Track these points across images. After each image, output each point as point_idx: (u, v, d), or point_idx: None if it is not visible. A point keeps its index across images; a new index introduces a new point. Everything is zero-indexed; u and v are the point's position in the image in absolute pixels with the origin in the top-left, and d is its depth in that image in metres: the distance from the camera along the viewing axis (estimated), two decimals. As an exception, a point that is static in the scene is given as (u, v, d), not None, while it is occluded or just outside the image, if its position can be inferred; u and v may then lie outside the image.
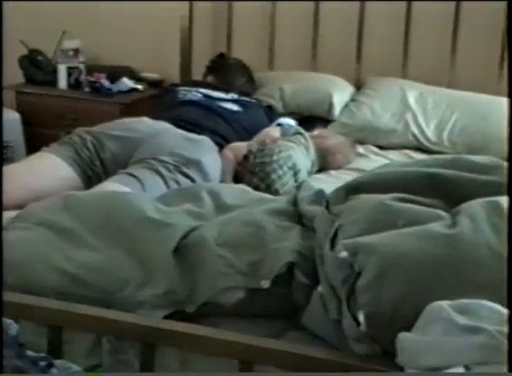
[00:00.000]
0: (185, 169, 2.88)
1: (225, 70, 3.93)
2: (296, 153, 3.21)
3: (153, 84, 4.42)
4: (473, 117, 3.64)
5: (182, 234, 1.95)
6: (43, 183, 2.83)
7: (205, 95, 3.62)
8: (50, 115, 4.23)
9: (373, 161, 3.51)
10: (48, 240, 2.00)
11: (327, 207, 1.85)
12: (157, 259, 1.94)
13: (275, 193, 3.04)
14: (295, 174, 3.17)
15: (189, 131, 3.21)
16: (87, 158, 2.95)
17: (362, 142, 3.67)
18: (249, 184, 3.06)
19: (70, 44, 4.26)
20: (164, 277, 1.90)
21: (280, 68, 4.22)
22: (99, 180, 2.91)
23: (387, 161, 3.51)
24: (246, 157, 3.11)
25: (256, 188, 3.04)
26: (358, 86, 4.02)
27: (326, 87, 3.87)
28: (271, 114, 3.68)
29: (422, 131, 3.65)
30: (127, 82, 4.27)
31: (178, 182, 2.83)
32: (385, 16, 4.06)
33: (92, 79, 4.18)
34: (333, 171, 3.39)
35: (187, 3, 4.24)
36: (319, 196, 2.08)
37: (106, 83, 4.19)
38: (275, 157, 3.09)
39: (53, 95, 4.27)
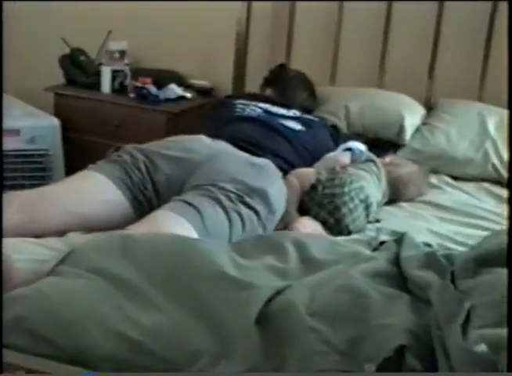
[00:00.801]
0: (248, 199, 2.54)
1: (285, 83, 3.58)
2: (368, 183, 2.87)
3: (202, 92, 4.09)
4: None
5: (266, 298, 1.62)
6: (88, 207, 2.51)
7: (265, 111, 3.28)
8: (91, 121, 3.90)
9: (447, 194, 3.20)
10: (105, 294, 1.68)
11: (452, 281, 1.51)
12: (236, 327, 1.60)
13: (345, 229, 2.73)
14: (367, 207, 2.83)
15: (250, 152, 2.88)
16: (138, 180, 2.62)
17: (434, 172, 3.32)
18: (315, 217, 2.75)
19: (116, 45, 3.93)
20: (243, 351, 1.57)
21: (343, 83, 3.87)
22: (151, 206, 2.59)
23: (462, 194, 3.19)
24: (314, 186, 2.78)
25: (324, 223, 2.73)
26: (429, 108, 3.67)
27: (396, 107, 3.52)
28: (336, 135, 3.34)
29: (503, 163, 3.30)
30: (175, 89, 3.94)
31: (240, 214, 2.50)
32: (462, 30, 3.71)
33: (138, 84, 3.85)
34: (404, 204, 3.05)
35: (245, 4, 3.90)
36: (431, 258, 1.73)
37: (152, 89, 3.86)
38: (346, 189, 2.76)
39: (95, 100, 3.94)
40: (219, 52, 4.11)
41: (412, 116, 3.51)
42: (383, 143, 3.43)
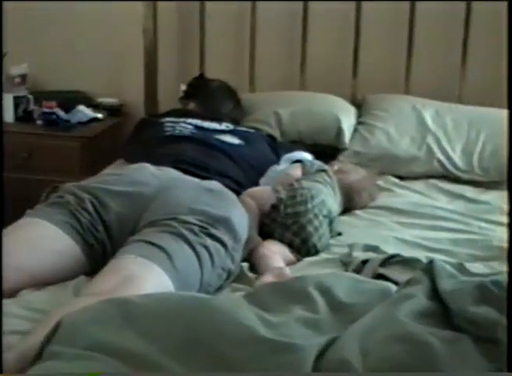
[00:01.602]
0: (213, 230, 2.31)
1: (209, 94, 3.36)
2: (326, 196, 2.70)
3: (111, 111, 3.81)
4: (502, 137, 3.18)
5: (313, 359, 1.41)
6: (37, 261, 2.23)
7: (196, 127, 3.06)
8: (-4, 155, 3.56)
9: (398, 195, 3.07)
10: (117, 376, 1.43)
11: None
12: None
13: (313, 248, 2.55)
14: (331, 222, 2.66)
15: (195, 175, 2.65)
16: (87, 223, 2.35)
17: (379, 173, 3.16)
18: (280, 240, 2.56)
19: (16, 69, 3.60)
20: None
21: (262, 89, 3.67)
22: (104, 249, 2.33)
23: (413, 195, 3.06)
24: (274, 206, 2.58)
25: (290, 244, 2.53)
26: (357, 106, 3.52)
27: (329, 109, 3.35)
28: (274, 146, 3.14)
29: (448, 158, 3.19)
30: (85, 111, 3.65)
31: (207, 248, 2.26)
32: (382, 24, 3.59)
33: (45, 109, 3.54)
34: (359, 212, 2.89)
35: (150, 13, 3.63)
36: (484, 290, 1.55)
37: (60, 113, 3.56)
38: (309, 205, 2.57)
39: (-2, 131, 3.60)
40: (126, 66, 3.86)
41: (347, 117, 3.35)
42: (323, 149, 3.25)
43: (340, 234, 2.69)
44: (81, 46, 3.84)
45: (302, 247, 2.54)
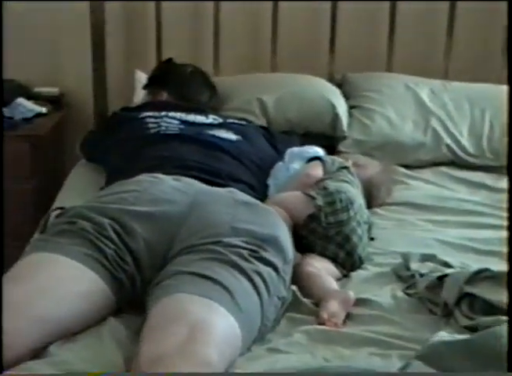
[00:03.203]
0: (263, 253, 1.95)
1: (183, 81, 2.94)
2: (359, 198, 2.37)
3: (51, 102, 3.33)
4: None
5: None
6: (66, 308, 1.81)
7: (183, 122, 2.65)
8: None
9: (413, 188, 2.78)
10: None
11: None
12: None
13: (359, 261, 2.23)
14: (369, 229, 2.34)
15: (210, 183, 2.26)
16: (113, 254, 1.93)
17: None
18: (322, 254, 2.22)
19: None
20: None
21: (227, 72, 3.27)
22: (133, 285, 1.93)
23: (428, 186, 2.78)
24: (313, 216, 2.23)
25: (334, 259, 2.20)
26: (337, 85, 3.18)
27: (319, 93, 2.99)
28: (271, 139, 2.77)
29: (457, 142, 2.92)
30: (26, 105, 3.16)
31: (260, 275, 1.90)
32: None
33: (-16, 107, 3.03)
34: (378, 210, 2.59)
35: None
36: None
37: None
38: (351, 213, 2.24)
39: None
40: (67, 49, 3.36)
41: (339, 100, 3.01)
42: (317, 138, 2.90)
43: (372, 239, 2.38)
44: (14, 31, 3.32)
45: (347, 261, 2.22)
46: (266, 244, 1.98)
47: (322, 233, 2.21)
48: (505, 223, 2.45)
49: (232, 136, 2.61)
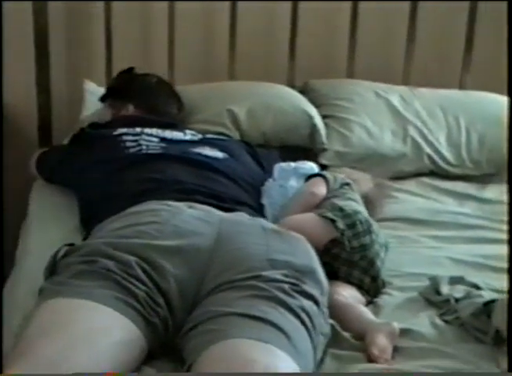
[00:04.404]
0: (303, 286, 1.81)
1: (149, 93, 2.72)
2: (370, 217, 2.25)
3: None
4: (484, 122, 2.89)
5: None
6: (105, 362, 1.60)
7: (162, 139, 2.44)
8: None
9: (400, 202, 2.68)
10: None
11: None
12: None
13: (382, 286, 2.11)
14: (386, 250, 2.22)
15: (217, 209, 2.07)
16: (144, 296, 1.72)
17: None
18: (346, 280, 2.09)
19: None
20: None
21: (181, 81, 3.04)
22: (166, 330, 1.74)
23: (415, 198, 2.69)
24: (335, 240, 2.08)
25: (359, 285, 2.07)
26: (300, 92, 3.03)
27: (293, 103, 2.82)
28: (255, 154, 2.59)
29: (436, 151, 2.83)
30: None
31: (304, 310, 1.75)
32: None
33: None
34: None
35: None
36: None
37: None
38: (373, 235, 2.12)
39: None
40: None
41: (313, 110, 2.85)
42: (294, 152, 2.74)
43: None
44: None
45: (372, 287, 2.09)
46: (305, 275, 1.84)
47: (346, 258, 2.07)
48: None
49: (218, 154, 2.42)
